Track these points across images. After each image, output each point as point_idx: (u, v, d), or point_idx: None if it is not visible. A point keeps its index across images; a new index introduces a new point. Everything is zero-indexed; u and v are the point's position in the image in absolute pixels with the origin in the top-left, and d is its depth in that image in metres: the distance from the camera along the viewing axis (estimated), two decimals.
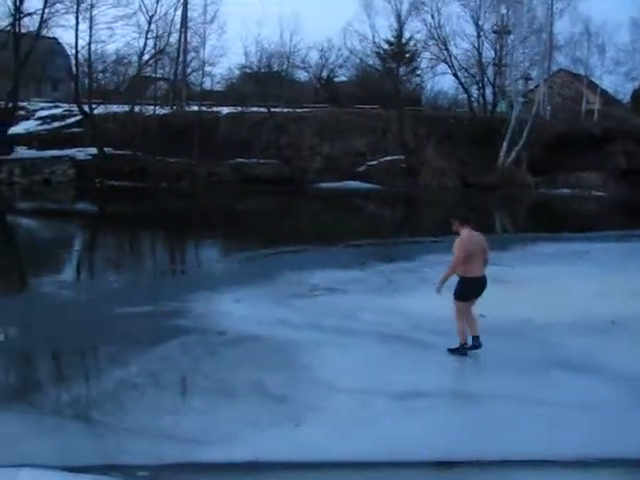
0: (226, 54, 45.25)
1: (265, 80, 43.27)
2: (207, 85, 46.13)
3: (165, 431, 6.40)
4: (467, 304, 8.71)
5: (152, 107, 40.28)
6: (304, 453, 6.09)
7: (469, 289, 8.65)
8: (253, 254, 16.78)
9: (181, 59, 42.65)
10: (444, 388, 7.63)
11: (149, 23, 39.79)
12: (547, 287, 13.00)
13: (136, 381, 7.71)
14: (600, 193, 37.86)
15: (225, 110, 40.96)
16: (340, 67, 51.94)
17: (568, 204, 35.02)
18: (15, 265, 16.74)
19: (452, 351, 8.71)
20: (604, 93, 47.05)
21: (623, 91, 50.94)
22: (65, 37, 44.58)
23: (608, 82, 51.10)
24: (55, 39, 42.90)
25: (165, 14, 40.83)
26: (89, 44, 39.10)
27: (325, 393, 7.41)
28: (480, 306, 8.72)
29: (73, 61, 41.61)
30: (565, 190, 37.93)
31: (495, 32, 45.10)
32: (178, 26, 41.67)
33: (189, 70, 44.03)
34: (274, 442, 6.27)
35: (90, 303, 11.49)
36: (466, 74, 45.34)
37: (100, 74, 43.63)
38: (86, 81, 41.61)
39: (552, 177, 38.40)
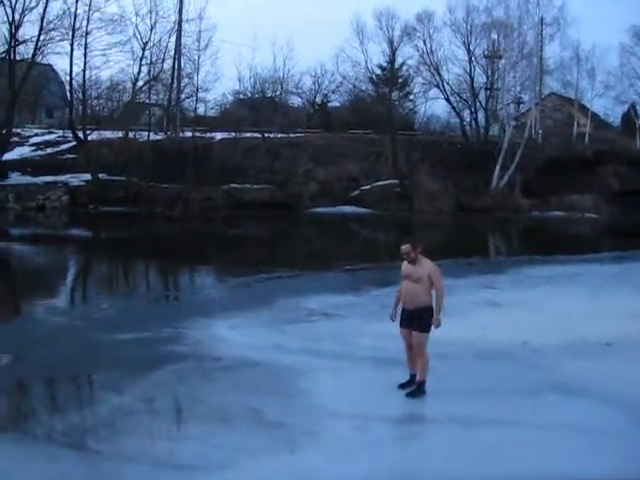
0: (220, 80, 45.51)
1: (259, 105, 43.50)
2: (201, 111, 46.27)
3: (161, 458, 6.36)
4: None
5: (146, 133, 40.41)
6: (300, 479, 6.05)
7: None
8: (248, 279, 16.76)
9: (175, 85, 42.84)
10: (441, 412, 7.61)
11: (143, 50, 40.14)
12: (541, 310, 13.02)
13: (131, 408, 7.66)
14: (592, 215, 38.07)
15: (219, 136, 41.11)
16: (333, 92, 52.34)
17: (561, 227, 35.14)
18: (8, 291, 16.69)
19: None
20: (595, 116, 47.51)
21: (613, 114, 51.56)
22: (60, 64, 44.54)
23: (598, 105, 51.95)
24: (50, 66, 43.11)
25: (159, 41, 41.18)
26: (84, 70, 39.34)
27: (322, 419, 7.37)
28: (476, 329, 8.64)
29: (67, 87, 41.79)
30: (558, 213, 38.10)
31: (486, 57, 45.55)
32: (172, 53, 42.00)
33: (183, 96, 44.20)
34: (270, 468, 6.24)
35: (84, 330, 11.43)
36: (458, 98, 45.79)
37: (94, 100, 43.75)
38: (80, 107, 41.76)
39: (545, 200, 38.60)
